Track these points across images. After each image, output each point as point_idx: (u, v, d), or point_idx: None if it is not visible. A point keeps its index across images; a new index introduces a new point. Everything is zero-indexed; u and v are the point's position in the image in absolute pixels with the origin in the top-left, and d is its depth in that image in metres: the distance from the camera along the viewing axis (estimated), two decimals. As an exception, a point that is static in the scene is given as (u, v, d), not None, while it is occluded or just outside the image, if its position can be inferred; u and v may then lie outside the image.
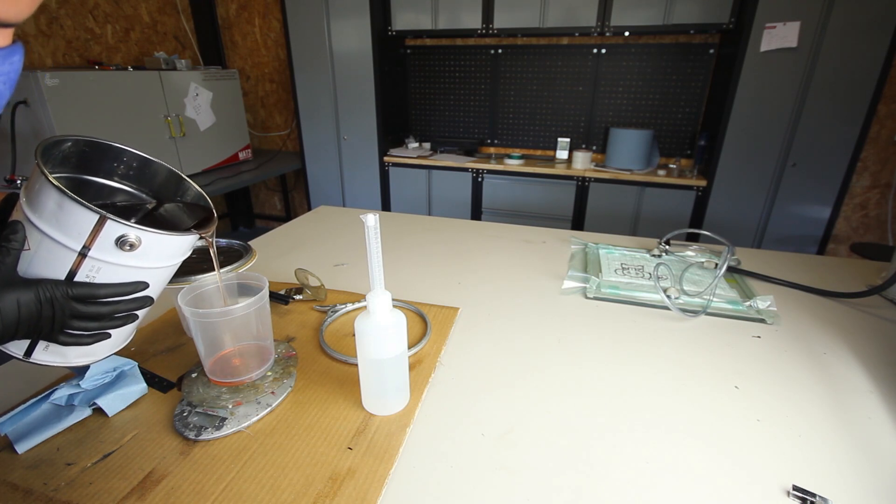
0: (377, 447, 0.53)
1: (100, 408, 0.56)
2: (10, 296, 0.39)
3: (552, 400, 0.61)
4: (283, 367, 0.63)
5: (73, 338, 0.44)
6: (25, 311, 0.40)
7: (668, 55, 2.52)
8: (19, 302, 0.39)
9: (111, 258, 0.43)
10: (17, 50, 0.34)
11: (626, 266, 1.01)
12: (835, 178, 2.17)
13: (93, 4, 2.58)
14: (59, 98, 1.94)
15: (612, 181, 2.47)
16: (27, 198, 0.42)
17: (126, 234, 0.42)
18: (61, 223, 0.40)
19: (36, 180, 0.41)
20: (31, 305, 0.40)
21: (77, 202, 0.39)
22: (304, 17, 2.71)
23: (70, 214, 0.40)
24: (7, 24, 0.32)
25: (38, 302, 0.40)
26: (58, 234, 0.41)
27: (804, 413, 0.60)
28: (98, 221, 0.41)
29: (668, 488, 0.48)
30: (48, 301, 0.41)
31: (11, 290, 0.39)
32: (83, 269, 0.42)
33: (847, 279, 0.99)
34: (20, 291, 0.40)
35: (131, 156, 0.53)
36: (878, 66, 1.97)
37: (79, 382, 0.55)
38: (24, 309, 0.40)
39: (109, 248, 0.42)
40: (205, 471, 0.49)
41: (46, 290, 0.41)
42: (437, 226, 1.29)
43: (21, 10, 0.32)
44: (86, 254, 0.42)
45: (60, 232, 0.41)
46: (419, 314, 0.81)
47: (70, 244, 0.41)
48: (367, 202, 3.01)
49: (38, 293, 0.40)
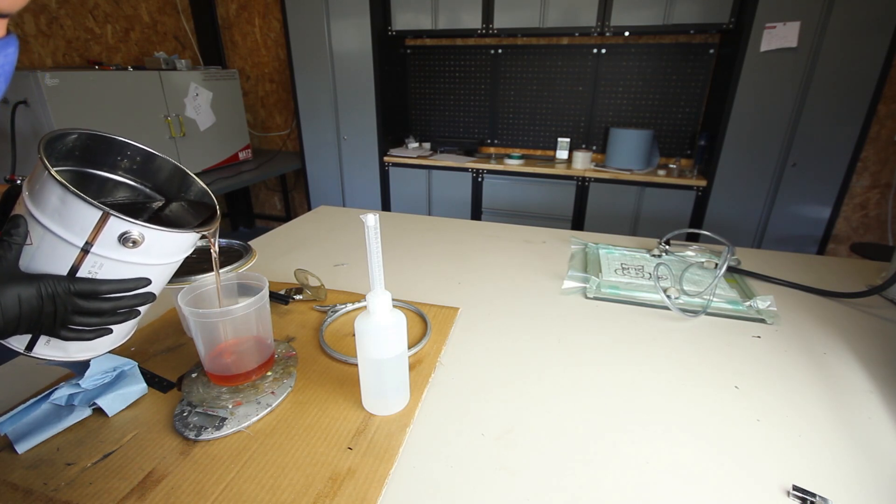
0: (377, 447, 0.53)
1: (100, 408, 0.56)
2: (12, 290, 0.39)
3: (552, 400, 0.61)
4: (283, 367, 0.63)
5: (75, 333, 0.44)
6: (27, 307, 0.40)
7: (668, 55, 2.52)
8: (20, 297, 0.39)
9: (114, 254, 0.43)
10: (11, 42, 0.34)
11: (626, 266, 1.01)
12: (835, 178, 2.17)
13: (93, 4, 2.58)
14: (59, 98, 1.94)
15: (612, 181, 2.47)
16: (30, 192, 0.42)
17: (129, 231, 0.42)
18: (64, 219, 0.40)
19: (39, 174, 0.41)
20: (32, 301, 0.40)
21: (80, 198, 0.39)
22: (304, 17, 2.71)
23: (73, 210, 0.40)
24: (1, 15, 0.32)
25: (39, 297, 0.40)
26: (60, 229, 0.41)
27: (804, 413, 0.59)
28: (101, 218, 0.40)
29: (668, 488, 0.48)
30: (50, 297, 0.41)
31: (13, 285, 0.39)
32: (85, 264, 0.42)
33: (847, 279, 0.99)
34: (22, 286, 0.40)
35: (135, 150, 0.53)
36: (878, 66, 1.97)
37: (79, 382, 0.55)
38: (25, 304, 0.40)
39: (112, 245, 0.42)
40: (205, 471, 0.49)
41: (48, 286, 0.41)
42: (437, 226, 1.29)
43: (14, 0, 0.32)
44: (88, 250, 0.42)
45: (63, 227, 0.41)
46: (419, 314, 0.81)
47: (73, 240, 0.41)
48: (367, 202, 3.01)
49: (40, 288, 0.40)
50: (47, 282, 0.41)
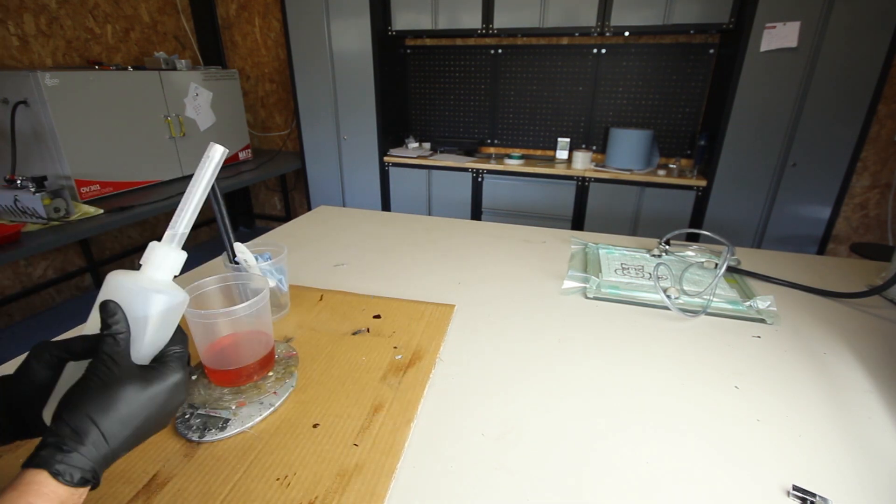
0: (383, 442, 0.53)
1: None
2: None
3: (552, 400, 0.62)
4: (284, 367, 0.64)
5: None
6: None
7: (667, 55, 2.53)
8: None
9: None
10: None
11: (626, 266, 1.01)
12: (835, 178, 2.18)
13: (93, 4, 2.58)
14: (59, 98, 1.94)
15: (612, 181, 2.47)
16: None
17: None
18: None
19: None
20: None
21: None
22: (304, 17, 2.71)
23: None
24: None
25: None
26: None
27: (804, 413, 0.60)
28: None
29: (668, 488, 0.49)
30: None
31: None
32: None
33: (847, 279, 1.00)
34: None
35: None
36: (878, 66, 1.97)
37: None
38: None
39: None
40: (211, 472, 0.49)
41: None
42: (437, 226, 1.29)
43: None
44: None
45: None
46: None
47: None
48: (367, 202, 3.01)
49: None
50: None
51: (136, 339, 0.38)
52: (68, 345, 0.38)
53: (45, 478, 0.31)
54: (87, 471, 0.32)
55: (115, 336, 0.36)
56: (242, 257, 0.70)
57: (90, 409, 0.34)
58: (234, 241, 0.71)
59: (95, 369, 0.35)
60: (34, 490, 0.30)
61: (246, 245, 0.73)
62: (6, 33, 2.23)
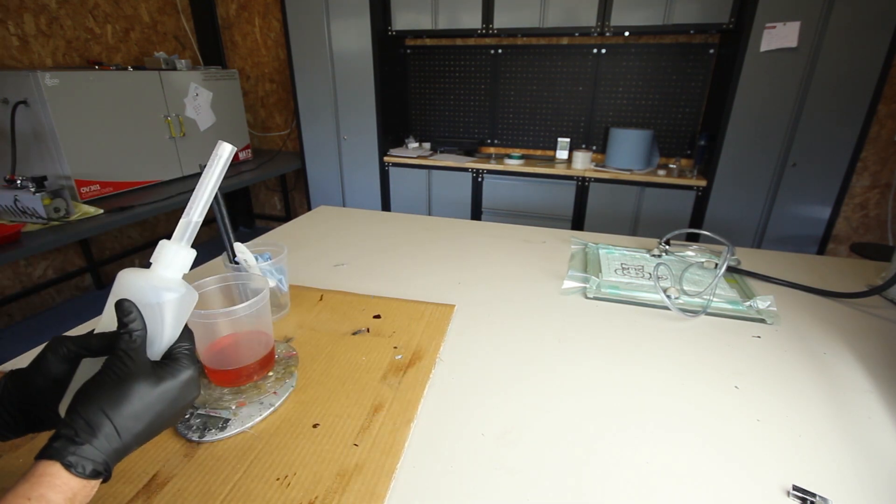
0: (383, 442, 0.53)
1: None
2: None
3: (552, 400, 0.62)
4: (284, 367, 0.64)
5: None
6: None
7: (667, 55, 2.53)
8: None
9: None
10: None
11: (626, 266, 1.01)
12: (835, 178, 2.18)
13: (93, 4, 2.58)
14: (59, 98, 1.94)
15: (612, 181, 2.47)
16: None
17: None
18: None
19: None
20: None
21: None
22: (304, 17, 2.71)
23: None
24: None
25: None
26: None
27: (804, 413, 0.60)
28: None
29: (668, 488, 0.49)
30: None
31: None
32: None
33: (847, 279, 1.00)
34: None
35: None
36: (878, 66, 1.97)
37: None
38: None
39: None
40: (211, 472, 0.49)
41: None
42: (437, 226, 1.29)
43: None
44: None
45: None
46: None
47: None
48: (367, 202, 3.01)
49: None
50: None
51: (150, 337, 0.39)
52: (85, 341, 0.39)
53: (58, 469, 0.31)
54: (99, 463, 0.33)
55: (131, 333, 0.37)
56: (242, 257, 0.70)
57: (104, 402, 0.34)
58: (234, 241, 0.71)
59: (112, 365, 0.36)
60: (46, 482, 0.30)
61: (246, 245, 0.73)
62: (6, 33, 2.23)
